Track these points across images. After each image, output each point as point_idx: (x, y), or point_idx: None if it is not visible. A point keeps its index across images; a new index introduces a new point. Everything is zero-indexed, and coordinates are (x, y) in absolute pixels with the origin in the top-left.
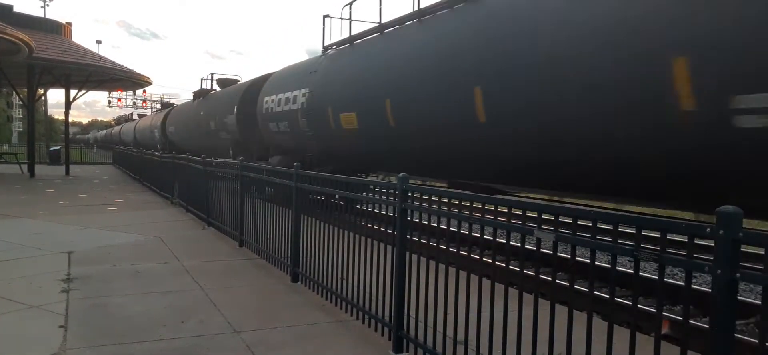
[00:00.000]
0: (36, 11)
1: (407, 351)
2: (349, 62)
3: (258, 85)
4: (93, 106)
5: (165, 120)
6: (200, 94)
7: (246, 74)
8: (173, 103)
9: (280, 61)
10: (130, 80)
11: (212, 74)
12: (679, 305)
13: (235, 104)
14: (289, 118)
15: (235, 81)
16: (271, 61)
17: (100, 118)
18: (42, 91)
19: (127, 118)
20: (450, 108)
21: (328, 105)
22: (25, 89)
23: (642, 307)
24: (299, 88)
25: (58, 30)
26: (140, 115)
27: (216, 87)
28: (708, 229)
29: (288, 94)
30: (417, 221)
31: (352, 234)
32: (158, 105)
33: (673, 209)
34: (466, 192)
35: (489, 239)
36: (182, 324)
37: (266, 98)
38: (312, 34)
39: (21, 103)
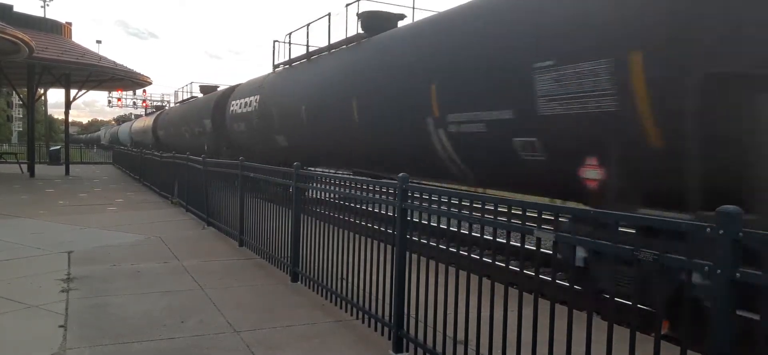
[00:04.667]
0: (36, 11)
1: (407, 351)
2: None
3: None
4: (92, 106)
5: (220, 109)
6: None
7: (245, 74)
8: (221, 87)
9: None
10: (130, 80)
11: None
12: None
13: None
14: None
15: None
16: (270, 62)
17: (99, 118)
18: (42, 91)
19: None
20: None
21: None
22: (25, 89)
23: (642, 307)
24: None
25: (58, 30)
26: (158, 108)
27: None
28: (708, 229)
29: None
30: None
31: (352, 234)
32: (170, 102)
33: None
34: (466, 192)
35: (489, 239)
36: (182, 324)
37: None
38: (313, 33)
39: (21, 102)
